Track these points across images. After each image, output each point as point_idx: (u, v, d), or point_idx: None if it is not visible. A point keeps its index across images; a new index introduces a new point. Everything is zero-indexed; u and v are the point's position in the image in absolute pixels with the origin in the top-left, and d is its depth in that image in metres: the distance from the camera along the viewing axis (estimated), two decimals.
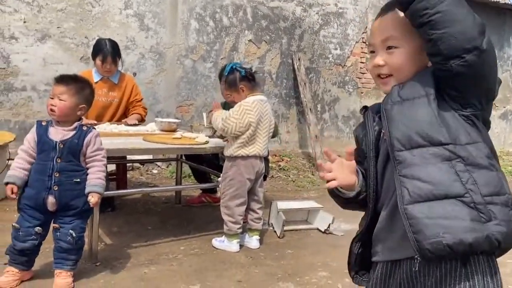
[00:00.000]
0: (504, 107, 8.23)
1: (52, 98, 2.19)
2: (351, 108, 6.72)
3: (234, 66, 2.99)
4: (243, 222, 3.01)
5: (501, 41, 7.93)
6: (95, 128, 2.34)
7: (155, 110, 5.14)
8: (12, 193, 2.14)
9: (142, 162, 4.86)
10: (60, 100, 2.17)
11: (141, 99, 3.84)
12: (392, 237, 1.13)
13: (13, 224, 2.22)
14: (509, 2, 7.48)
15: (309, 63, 6.30)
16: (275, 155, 5.76)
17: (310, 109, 6.10)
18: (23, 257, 2.23)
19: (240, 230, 2.96)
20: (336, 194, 1.20)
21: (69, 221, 2.23)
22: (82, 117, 2.33)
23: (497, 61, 1.08)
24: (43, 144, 2.17)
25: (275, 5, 5.90)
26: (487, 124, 1.13)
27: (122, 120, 3.64)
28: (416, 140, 1.05)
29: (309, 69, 6.30)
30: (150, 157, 4.47)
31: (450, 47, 1.01)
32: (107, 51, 3.51)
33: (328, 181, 1.14)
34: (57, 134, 2.19)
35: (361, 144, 1.23)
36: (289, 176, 5.45)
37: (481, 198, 1.00)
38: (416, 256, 1.03)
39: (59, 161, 2.16)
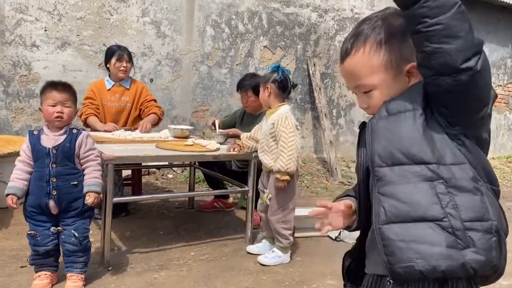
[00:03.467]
0: None
1: (54, 106, 2.23)
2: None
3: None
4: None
5: None
6: (85, 130, 2.39)
7: (171, 115, 5.22)
8: (12, 203, 2.19)
9: (158, 167, 4.95)
10: (66, 107, 2.25)
11: (153, 99, 3.81)
12: (377, 252, 1.08)
13: (29, 232, 2.27)
14: None
15: (325, 69, 6.30)
16: None
17: (325, 114, 6.10)
18: (49, 258, 2.29)
19: None
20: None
21: (71, 222, 2.29)
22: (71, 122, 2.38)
23: (491, 77, 1.02)
24: (37, 152, 2.22)
25: (291, 11, 5.92)
26: (481, 143, 1.05)
27: (140, 122, 3.61)
28: (397, 157, 1.01)
29: (324, 74, 6.30)
30: (165, 162, 4.54)
31: (443, 64, 0.93)
32: (121, 51, 3.66)
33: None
34: (49, 140, 2.24)
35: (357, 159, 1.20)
36: (303, 182, 5.46)
37: (460, 224, 0.94)
38: (388, 279, 1.03)
39: (54, 166, 2.21)
